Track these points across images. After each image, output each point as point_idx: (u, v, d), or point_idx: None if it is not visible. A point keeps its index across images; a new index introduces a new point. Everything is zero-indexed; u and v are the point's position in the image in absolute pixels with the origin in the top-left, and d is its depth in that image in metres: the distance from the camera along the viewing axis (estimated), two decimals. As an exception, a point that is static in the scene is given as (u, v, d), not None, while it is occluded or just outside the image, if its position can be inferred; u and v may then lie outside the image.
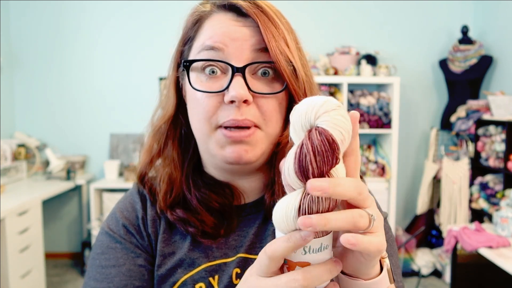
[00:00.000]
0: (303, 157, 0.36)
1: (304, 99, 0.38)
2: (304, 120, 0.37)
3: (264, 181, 0.63)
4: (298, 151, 0.37)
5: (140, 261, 0.60)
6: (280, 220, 0.37)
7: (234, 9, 0.56)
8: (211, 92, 0.54)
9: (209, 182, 0.62)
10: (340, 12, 3.77)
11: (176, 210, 0.60)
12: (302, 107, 0.38)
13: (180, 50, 0.61)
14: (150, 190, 0.64)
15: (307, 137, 0.37)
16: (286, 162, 0.38)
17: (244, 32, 0.54)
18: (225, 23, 0.55)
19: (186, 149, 0.64)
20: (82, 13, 3.77)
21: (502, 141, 2.91)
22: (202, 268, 0.59)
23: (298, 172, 0.36)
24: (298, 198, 0.37)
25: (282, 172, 0.38)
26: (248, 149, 0.55)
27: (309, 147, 0.36)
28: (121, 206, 0.65)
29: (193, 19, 0.59)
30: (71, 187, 3.47)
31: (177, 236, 0.62)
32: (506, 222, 2.37)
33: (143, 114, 3.84)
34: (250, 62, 0.54)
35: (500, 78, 3.44)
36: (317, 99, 0.38)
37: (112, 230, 0.62)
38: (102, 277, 0.58)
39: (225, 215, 0.61)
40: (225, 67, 0.55)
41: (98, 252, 0.61)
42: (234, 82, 0.53)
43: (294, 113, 0.38)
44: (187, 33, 0.60)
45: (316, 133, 0.36)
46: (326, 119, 0.36)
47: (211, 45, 0.54)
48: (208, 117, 0.55)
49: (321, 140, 0.36)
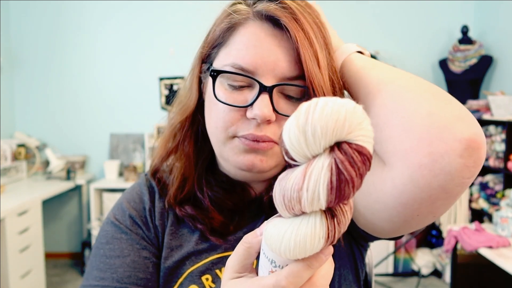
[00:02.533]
0: (342, 178, 0.30)
1: (315, 103, 0.31)
2: (331, 135, 0.30)
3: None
4: (332, 171, 0.30)
5: (145, 253, 0.59)
6: (295, 249, 0.32)
7: (271, 20, 0.53)
8: (234, 105, 0.53)
9: (223, 180, 0.62)
10: (340, 12, 3.77)
11: (185, 207, 0.60)
12: (322, 117, 0.30)
13: (206, 52, 0.59)
14: (160, 183, 0.64)
15: (342, 156, 0.30)
16: (292, 183, 0.32)
17: (277, 53, 0.52)
18: (259, 41, 0.53)
19: (201, 147, 0.64)
20: (82, 13, 3.77)
21: (502, 141, 2.91)
22: (209, 260, 0.59)
23: (332, 193, 0.30)
24: (323, 225, 0.32)
25: (284, 194, 0.32)
26: (263, 159, 0.54)
27: (349, 168, 0.30)
28: (128, 197, 0.65)
29: (227, 24, 0.55)
30: (71, 187, 3.47)
31: (185, 230, 0.62)
32: (506, 222, 2.37)
33: (143, 114, 3.85)
34: (279, 83, 0.52)
35: (500, 78, 3.44)
36: (340, 106, 0.30)
37: (118, 220, 0.61)
38: (106, 267, 0.58)
39: (237, 212, 0.61)
40: (252, 82, 0.53)
41: (102, 241, 0.60)
42: (260, 101, 0.52)
43: (309, 125, 0.30)
44: (218, 37, 0.57)
45: (353, 152, 0.30)
46: (361, 133, 0.31)
47: (242, 66, 0.52)
48: (226, 127, 0.54)
49: (362, 160, 0.30)
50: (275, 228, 0.34)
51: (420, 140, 0.43)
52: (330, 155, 0.31)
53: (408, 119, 0.44)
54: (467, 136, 0.41)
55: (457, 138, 0.41)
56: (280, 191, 0.33)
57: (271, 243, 0.34)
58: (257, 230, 0.38)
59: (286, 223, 0.33)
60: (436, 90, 0.47)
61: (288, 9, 0.53)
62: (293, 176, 0.32)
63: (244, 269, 0.39)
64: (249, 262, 0.39)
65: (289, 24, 0.51)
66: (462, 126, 0.42)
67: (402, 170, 0.44)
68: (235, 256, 0.39)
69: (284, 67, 0.52)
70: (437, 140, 0.42)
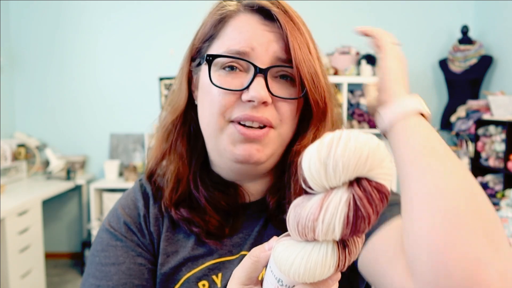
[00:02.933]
0: (359, 214, 0.30)
1: (338, 136, 0.30)
2: (352, 171, 0.30)
3: (268, 184, 0.63)
4: (349, 206, 0.30)
5: (140, 259, 0.59)
6: (304, 275, 0.33)
7: (262, 12, 0.55)
8: (230, 89, 0.54)
9: (216, 181, 0.62)
10: (340, 12, 3.77)
11: (181, 210, 0.60)
12: (344, 153, 0.29)
13: (198, 47, 0.60)
14: (157, 188, 0.64)
15: (361, 193, 0.30)
16: (307, 212, 0.32)
17: (269, 37, 0.54)
18: (252, 26, 0.55)
19: (194, 146, 0.63)
20: (82, 13, 3.77)
21: (502, 141, 2.91)
22: (206, 266, 0.59)
23: (347, 228, 0.30)
24: (334, 254, 0.32)
25: (299, 221, 0.32)
26: (259, 148, 0.55)
27: (367, 206, 0.30)
28: (123, 203, 0.65)
29: (217, 17, 0.57)
30: (71, 187, 3.47)
31: (181, 235, 0.61)
32: (506, 222, 2.37)
33: (143, 114, 3.85)
34: (273, 65, 0.54)
35: (500, 78, 3.44)
36: (363, 143, 0.30)
37: (113, 228, 0.61)
38: (101, 275, 0.58)
39: (231, 215, 0.61)
40: (247, 66, 0.55)
41: (98, 249, 0.60)
42: (256, 83, 0.53)
43: (331, 159, 0.30)
44: (208, 31, 0.58)
45: (373, 189, 0.30)
46: (381, 171, 0.31)
47: (238, 50, 0.54)
48: (222, 111, 0.54)
49: (380, 198, 0.30)
50: (286, 251, 0.34)
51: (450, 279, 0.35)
52: (349, 190, 0.31)
53: (447, 257, 0.35)
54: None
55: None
56: (294, 217, 0.33)
57: (281, 264, 0.34)
58: (265, 244, 0.39)
59: (298, 247, 0.33)
60: (491, 226, 0.37)
61: (276, 2, 0.56)
62: (309, 205, 0.32)
63: (250, 281, 0.40)
64: (255, 275, 0.39)
65: (279, 15, 0.54)
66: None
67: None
68: (242, 268, 0.39)
69: (276, 48, 0.54)
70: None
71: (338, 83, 3.45)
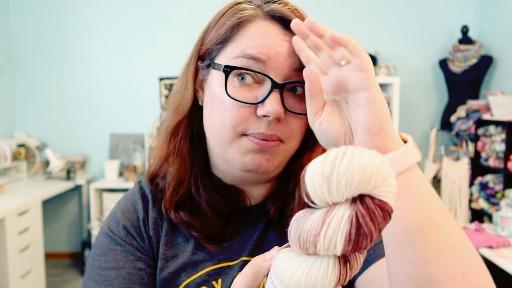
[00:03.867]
0: (361, 232, 0.30)
1: (342, 153, 0.30)
2: (355, 189, 0.30)
3: (270, 188, 0.63)
4: (352, 223, 0.30)
5: (140, 264, 0.59)
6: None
7: (282, 21, 0.53)
8: (245, 102, 0.52)
9: (217, 184, 0.61)
10: (340, 12, 3.77)
11: (180, 213, 0.59)
12: (348, 171, 0.29)
13: (208, 48, 0.57)
14: (157, 188, 0.63)
15: (364, 211, 0.30)
16: (309, 227, 0.32)
17: (288, 48, 0.53)
18: (271, 34, 0.53)
19: (197, 148, 0.62)
20: (82, 13, 3.77)
21: (502, 141, 2.91)
22: (206, 271, 0.59)
23: (349, 245, 0.31)
24: (335, 269, 0.32)
25: (300, 235, 0.32)
26: (270, 158, 0.54)
27: (369, 223, 0.30)
28: (122, 206, 0.64)
29: (235, 21, 0.55)
30: (71, 187, 3.47)
31: (180, 239, 0.61)
32: (506, 222, 2.37)
33: (143, 114, 3.85)
34: (290, 80, 0.52)
35: (500, 78, 3.44)
36: (367, 160, 0.30)
37: (112, 232, 0.61)
38: (101, 279, 0.57)
39: (231, 219, 0.61)
40: (262, 78, 0.53)
41: (98, 253, 0.60)
42: (272, 98, 0.51)
43: (334, 176, 0.30)
44: (223, 33, 0.55)
45: (376, 207, 0.30)
46: (385, 189, 0.30)
47: (254, 55, 0.52)
48: (235, 124, 0.53)
49: (383, 216, 0.30)
50: (287, 263, 0.34)
51: None
52: (351, 207, 0.31)
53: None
54: None
55: None
56: (296, 231, 0.33)
57: (281, 276, 0.34)
58: (267, 254, 0.38)
59: (299, 260, 0.33)
60: None
61: (297, 12, 0.55)
62: (311, 219, 0.32)
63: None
64: (256, 284, 0.39)
65: (297, 25, 0.52)
66: None
67: None
68: (243, 277, 0.39)
69: (293, 60, 0.52)
70: None
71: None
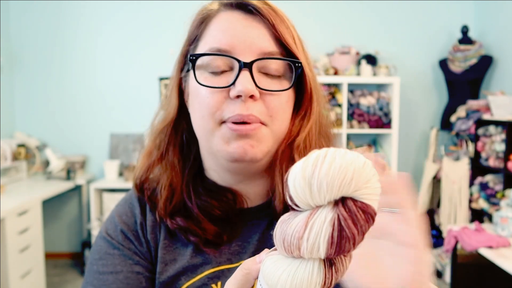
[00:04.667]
0: (343, 235, 0.30)
1: (323, 155, 0.30)
2: (337, 191, 0.30)
3: (267, 186, 0.62)
4: (334, 226, 0.30)
5: (137, 268, 0.59)
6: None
7: (242, 7, 0.55)
8: (216, 87, 0.53)
9: (210, 188, 0.61)
10: (340, 12, 3.77)
11: (176, 219, 0.59)
12: (329, 173, 0.29)
13: (185, 51, 0.60)
14: (150, 198, 0.63)
15: (346, 214, 0.30)
16: (293, 230, 0.32)
17: (252, 33, 0.54)
18: (232, 23, 0.54)
19: (187, 155, 0.63)
20: (82, 13, 3.77)
21: (502, 141, 2.91)
22: (205, 274, 0.58)
23: (331, 248, 0.30)
24: (320, 272, 0.32)
25: (285, 238, 0.32)
26: (253, 144, 0.54)
27: (351, 226, 0.30)
28: (120, 210, 0.64)
29: (199, 18, 0.58)
30: (71, 187, 3.47)
31: (179, 243, 0.61)
32: (506, 222, 2.37)
33: (143, 114, 3.85)
34: (258, 58, 0.53)
35: (500, 78, 3.44)
36: (348, 163, 0.30)
37: (110, 236, 0.61)
38: (99, 283, 0.57)
39: (228, 221, 0.60)
40: (232, 64, 0.54)
41: (96, 257, 0.60)
42: (241, 77, 0.52)
43: (315, 179, 0.30)
44: (192, 33, 0.59)
45: (358, 210, 0.30)
46: (367, 192, 0.30)
47: (219, 48, 0.53)
48: (212, 112, 0.54)
49: (365, 219, 0.30)
50: (273, 266, 0.34)
51: None
52: (334, 209, 0.31)
53: None
54: None
55: None
56: (280, 234, 0.33)
57: (268, 279, 0.34)
58: (257, 257, 0.39)
59: (285, 263, 0.33)
60: None
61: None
62: (295, 222, 0.32)
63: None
64: (247, 287, 0.39)
65: (260, 6, 0.54)
66: None
67: None
68: (234, 280, 0.39)
69: (261, 43, 0.54)
70: None
71: (338, 83, 3.45)
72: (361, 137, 3.69)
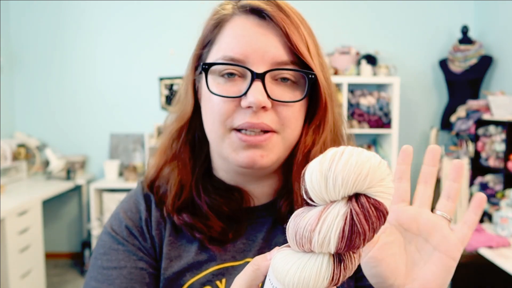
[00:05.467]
0: (355, 230, 0.31)
1: (341, 151, 0.31)
2: (351, 187, 0.31)
3: (275, 186, 0.62)
4: (346, 220, 0.31)
5: (141, 264, 0.59)
6: (298, 285, 0.33)
7: (256, 13, 0.55)
8: (228, 97, 0.53)
9: (219, 186, 0.61)
10: (340, 12, 3.77)
11: (183, 215, 0.60)
12: (345, 168, 0.30)
13: (198, 53, 0.60)
14: (157, 193, 0.63)
15: (358, 209, 0.31)
16: (306, 223, 0.32)
17: (265, 42, 0.53)
18: (246, 31, 0.54)
19: (198, 154, 0.63)
20: (82, 13, 3.77)
21: (502, 141, 2.91)
22: (210, 271, 0.59)
23: (342, 242, 0.31)
24: (329, 267, 0.32)
25: (297, 231, 0.33)
26: (263, 154, 0.54)
27: (363, 222, 0.31)
28: (125, 206, 0.64)
29: (213, 22, 0.57)
30: (71, 187, 3.47)
31: (184, 240, 0.61)
32: (506, 222, 2.37)
33: (143, 114, 3.85)
34: (270, 69, 0.53)
35: (500, 78, 3.44)
36: (365, 160, 0.31)
37: (114, 231, 0.61)
38: (103, 278, 0.58)
39: (234, 219, 0.60)
40: (244, 72, 0.54)
41: (100, 252, 0.61)
42: (253, 88, 0.52)
43: (331, 173, 0.31)
44: (206, 36, 0.58)
45: (370, 206, 0.31)
46: (381, 189, 0.31)
47: (232, 57, 0.53)
48: (223, 119, 0.54)
49: (377, 216, 0.31)
50: (283, 260, 0.34)
51: None
52: (347, 205, 0.31)
53: None
54: None
55: None
56: (293, 227, 0.33)
57: (277, 273, 0.34)
58: (267, 254, 0.39)
59: (294, 257, 0.34)
60: None
61: (271, 1, 0.55)
62: (308, 216, 0.33)
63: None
64: (255, 283, 0.39)
65: (274, 13, 0.53)
66: None
67: None
68: (243, 275, 0.39)
69: (274, 53, 0.53)
70: None
71: (338, 83, 3.45)
72: (361, 137, 3.69)
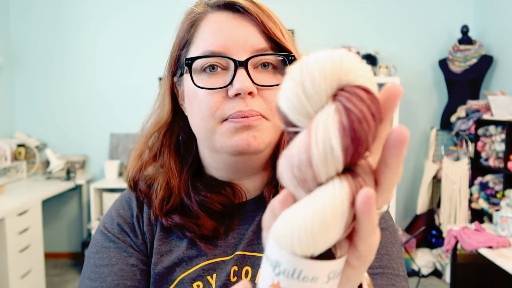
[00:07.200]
0: (353, 117, 0.25)
1: (305, 56, 0.28)
2: (330, 78, 0.26)
3: (265, 180, 0.63)
4: (340, 111, 0.26)
5: (132, 260, 0.60)
6: (313, 227, 0.25)
7: (230, 7, 0.56)
8: (214, 88, 0.54)
9: (209, 182, 0.62)
10: (340, 12, 3.77)
11: (172, 216, 0.60)
12: (317, 62, 0.27)
13: (176, 56, 0.61)
14: (146, 195, 0.63)
15: (347, 94, 0.26)
16: (297, 146, 0.27)
17: (243, 32, 0.55)
18: (222, 24, 0.55)
19: (184, 156, 0.64)
20: (82, 13, 3.77)
21: (502, 141, 2.91)
22: (200, 266, 0.59)
23: (346, 137, 0.25)
24: (344, 186, 0.26)
25: (292, 163, 0.27)
26: (256, 135, 0.54)
27: (358, 104, 0.26)
28: (117, 205, 0.65)
29: (188, 22, 0.59)
30: (71, 187, 3.47)
31: (174, 235, 0.61)
32: (506, 222, 2.37)
33: (143, 114, 3.81)
34: (252, 55, 0.55)
35: (500, 78, 3.44)
36: (332, 52, 0.27)
37: (106, 229, 0.62)
38: (95, 276, 0.58)
39: (226, 215, 0.61)
40: (227, 65, 0.55)
41: (93, 251, 0.61)
42: (238, 75, 0.53)
43: (305, 74, 0.27)
44: (183, 37, 0.59)
45: (358, 89, 0.26)
46: (361, 73, 0.27)
47: (213, 50, 0.55)
48: (212, 112, 0.55)
49: (370, 98, 0.26)
50: (284, 215, 0.28)
51: None
52: (334, 102, 0.27)
53: None
54: None
55: None
56: (286, 164, 0.27)
57: (280, 235, 0.27)
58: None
59: (298, 203, 0.27)
60: None
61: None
62: (297, 140, 0.27)
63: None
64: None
65: (247, 5, 0.55)
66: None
67: None
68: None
69: (253, 41, 0.55)
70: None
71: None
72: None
